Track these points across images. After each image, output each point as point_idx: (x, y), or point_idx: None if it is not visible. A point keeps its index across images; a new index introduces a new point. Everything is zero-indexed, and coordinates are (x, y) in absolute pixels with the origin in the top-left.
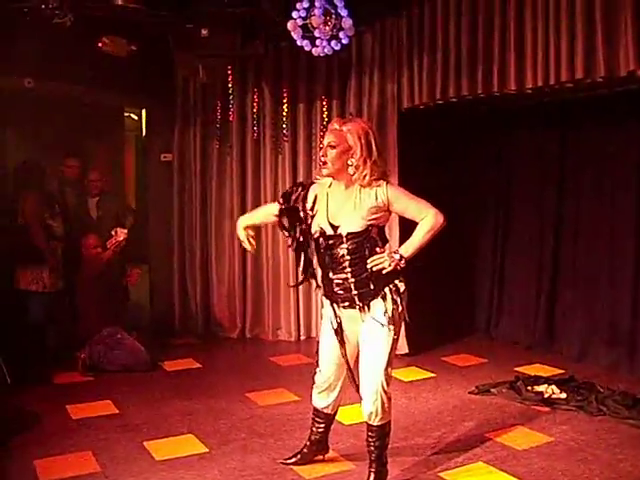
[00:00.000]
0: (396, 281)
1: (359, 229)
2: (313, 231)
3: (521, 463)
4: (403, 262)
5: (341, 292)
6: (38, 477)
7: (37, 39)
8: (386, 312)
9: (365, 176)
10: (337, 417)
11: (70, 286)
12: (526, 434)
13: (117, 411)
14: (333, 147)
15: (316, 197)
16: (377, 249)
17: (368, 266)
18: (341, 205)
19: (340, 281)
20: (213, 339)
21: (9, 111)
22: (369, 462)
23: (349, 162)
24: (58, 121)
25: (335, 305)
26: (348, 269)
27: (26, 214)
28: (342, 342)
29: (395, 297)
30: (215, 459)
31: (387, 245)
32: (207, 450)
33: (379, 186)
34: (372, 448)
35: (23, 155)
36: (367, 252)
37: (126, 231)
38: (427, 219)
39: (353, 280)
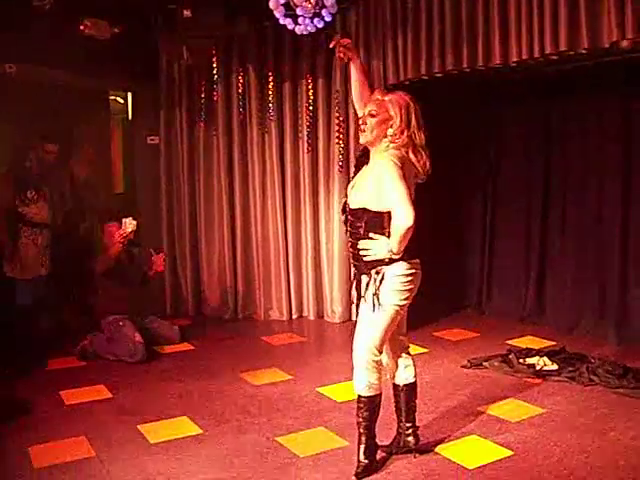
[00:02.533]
0: (384, 266)
1: (355, 206)
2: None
3: (514, 435)
4: (393, 255)
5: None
6: (32, 463)
7: (18, 23)
8: (367, 290)
9: (400, 147)
10: (329, 394)
11: (58, 271)
12: (518, 406)
13: (110, 395)
14: (373, 116)
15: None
16: (372, 233)
17: (359, 246)
18: (364, 177)
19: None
20: (205, 320)
21: None
22: (357, 435)
23: (388, 132)
24: (41, 106)
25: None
26: (350, 241)
27: None
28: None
29: (376, 280)
30: (210, 440)
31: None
32: (202, 431)
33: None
34: (360, 419)
35: (4, 141)
36: (362, 231)
37: (135, 222)
38: (395, 217)
39: (351, 253)
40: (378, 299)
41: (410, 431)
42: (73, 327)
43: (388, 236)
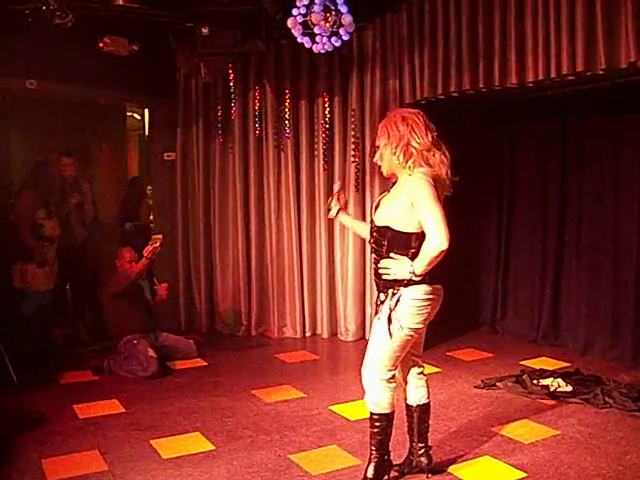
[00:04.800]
0: (402, 288)
1: (380, 224)
2: None
3: (527, 456)
4: (415, 277)
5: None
6: (46, 476)
7: (39, 40)
8: (382, 308)
9: (403, 162)
10: (342, 413)
11: (62, 286)
12: (532, 427)
13: (123, 410)
14: (378, 147)
15: None
16: (393, 253)
17: (380, 265)
18: (392, 196)
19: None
20: (218, 337)
21: (13, 112)
22: (369, 452)
23: (393, 154)
24: (60, 121)
25: None
26: (374, 258)
27: (15, 211)
28: None
29: (391, 301)
30: (222, 456)
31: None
32: (214, 448)
33: (410, 176)
34: (370, 436)
35: (25, 155)
36: (384, 250)
37: (161, 236)
38: (430, 239)
39: (374, 270)
40: (390, 320)
41: (422, 451)
42: (87, 342)
43: (411, 257)
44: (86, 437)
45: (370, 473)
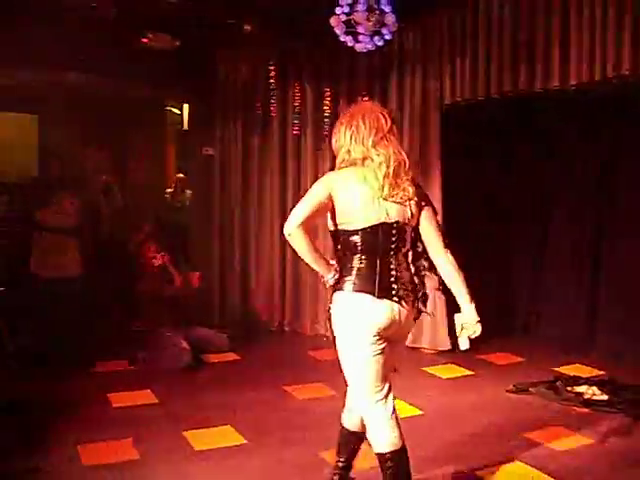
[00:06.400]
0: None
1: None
2: None
3: (560, 464)
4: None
5: None
6: (81, 462)
7: (85, 35)
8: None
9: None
10: None
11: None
12: (565, 435)
13: (157, 401)
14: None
15: None
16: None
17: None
18: None
19: None
20: (252, 332)
21: (54, 105)
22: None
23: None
24: (100, 115)
25: None
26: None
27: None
28: None
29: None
30: (253, 451)
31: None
32: (245, 442)
33: None
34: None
35: (67, 148)
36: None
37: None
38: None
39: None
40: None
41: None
42: (122, 332)
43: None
44: (120, 426)
45: None
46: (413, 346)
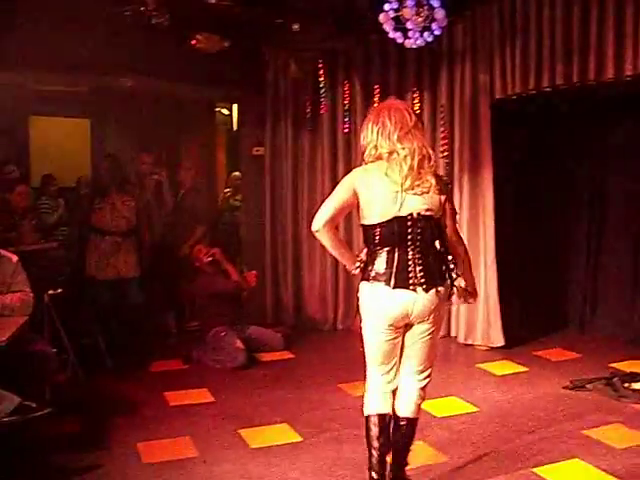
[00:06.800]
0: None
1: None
2: None
3: (621, 462)
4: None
5: None
6: (142, 459)
7: (136, 39)
8: None
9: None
10: (428, 409)
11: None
12: (625, 432)
13: (213, 399)
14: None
15: None
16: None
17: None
18: None
19: None
20: (305, 330)
21: (111, 108)
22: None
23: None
24: (152, 117)
25: None
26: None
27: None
28: None
29: None
30: (309, 449)
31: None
32: (301, 439)
33: None
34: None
35: (116, 149)
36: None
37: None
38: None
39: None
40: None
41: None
42: (175, 333)
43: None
44: (177, 424)
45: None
46: (466, 343)
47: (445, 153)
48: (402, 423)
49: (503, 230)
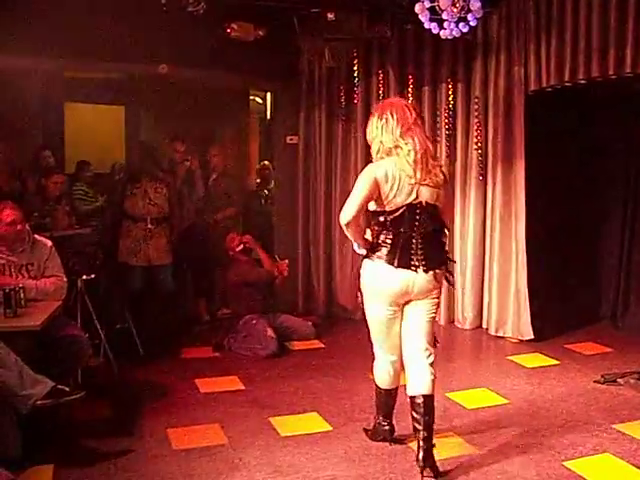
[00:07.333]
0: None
1: None
2: None
3: None
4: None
5: None
6: (171, 445)
7: (171, 27)
8: None
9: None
10: (459, 400)
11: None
12: None
13: (243, 387)
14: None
15: None
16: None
17: None
18: None
19: None
20: (336, 320)
21: (145, 95)
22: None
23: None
24: (187, 105)
25: None
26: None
27: None
28: None
29: None
30: (339, 438)
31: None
32: (331, 428)
33: None
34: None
35: (151, 136)
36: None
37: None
38: None
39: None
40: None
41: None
42: (206, 320)
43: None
44: (207, 411)
45: None
46: (497, 335)
47: (478, 144)
48: (419, 401)
49: (535, 224)
